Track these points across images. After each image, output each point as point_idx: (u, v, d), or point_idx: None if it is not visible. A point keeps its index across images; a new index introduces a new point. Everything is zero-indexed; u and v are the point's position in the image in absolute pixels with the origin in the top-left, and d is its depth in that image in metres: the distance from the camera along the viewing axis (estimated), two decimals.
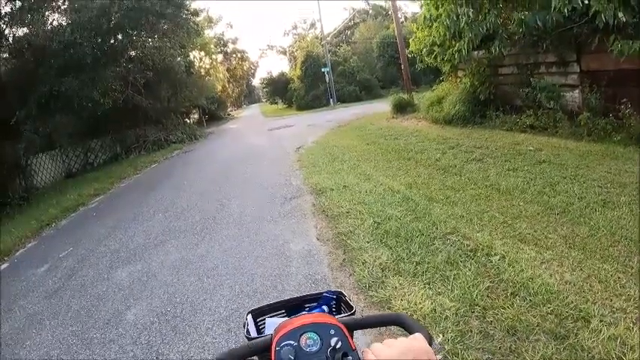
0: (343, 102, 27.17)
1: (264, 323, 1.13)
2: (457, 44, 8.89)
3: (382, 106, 19.05)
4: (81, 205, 8.97)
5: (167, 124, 19.60)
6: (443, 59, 10.35)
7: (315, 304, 1.15)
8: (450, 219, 4.10)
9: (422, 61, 14.59)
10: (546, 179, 5.11)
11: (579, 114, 7.29)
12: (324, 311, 1.09)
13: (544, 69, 8.47)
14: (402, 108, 13.82)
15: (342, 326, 0.74)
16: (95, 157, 17.67)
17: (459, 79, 11.86)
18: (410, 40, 14.44)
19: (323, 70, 26.53)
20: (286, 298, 1.19)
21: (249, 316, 1.12)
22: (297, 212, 4.90)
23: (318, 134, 12.76)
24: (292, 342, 0.70)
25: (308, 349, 0.70)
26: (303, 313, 1.09)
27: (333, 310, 1.15)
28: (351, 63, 28.88)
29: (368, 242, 3.61)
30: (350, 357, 0.68)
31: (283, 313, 1.16)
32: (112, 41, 10.28)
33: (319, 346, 0.70)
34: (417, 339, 0.67)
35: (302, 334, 0.71)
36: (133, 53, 13.22)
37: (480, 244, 3.54)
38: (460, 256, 3.36)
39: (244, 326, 1.07)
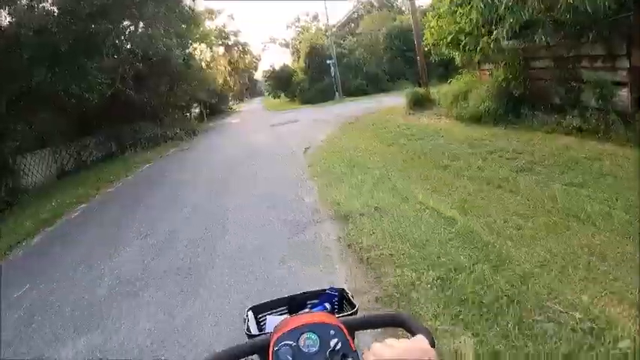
0: (349, 96, 25.79)
1: (266, 320, 1.07)
2: (495, 31, 7.60)
3: (392, 101, 17.76)
4: (59, 216, 7.74)
5: (165, 119, 18.31)
6: (473, 49, 9.04)
7: (317, 301, 1.10)
8: (540, 270, 2.85)
9: (438, 53, 13.40)
10: (624, 201, 3.89)
11: (630, 116, 6.13)
12: (326, 309, 1.06)
13: (587, 63, 7.20)
14: (418, 103, 12.51)
15: (343, 327, 0.71)
16: (89, 156, 16.45)
17: (487, 73, 10.57)
18: (424, 31, 13.22)
19: (328, 61, 25.10)
20: (289, 294, 1.13)
21: (250, 313, 1.07)
22: (318, 251, 3.61)
23: (327, 132, 11.47)
24: (291, 342, 0.68)
25: (307, 350, 0.67)
26: (306, 310, 1.06)
27: (336, 307, 1.10)
28: (356, 55, 27.41)
29: (436, 316, 2.36)
30: (350, 358, 0.67)
31: (285, 310, 1.11)
32: (92, 28, 8.87)
33: (318, 347, 0.68)
34: (419, 340, 0.64)
35: (301, 334, 0.69)
36: (120, 42, 11.67)
37: (597, 317, 2.33)
38: (583, 347, 2.14)
39: (244, 322, 1.02)
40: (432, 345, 0.65)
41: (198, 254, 4.20)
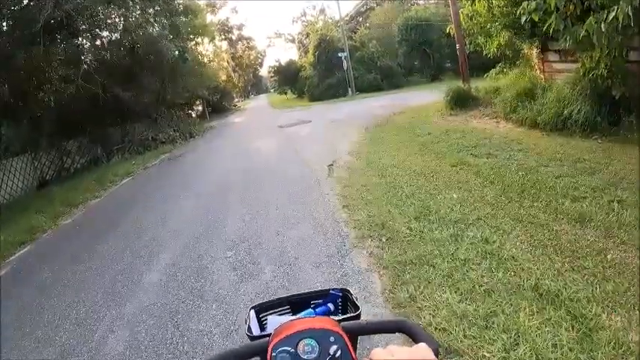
0: (362, 92, 23.05)
1: (267, 320, 1.02)
2: (616, 8, 4.91)
3: (416, 97, 15.09)
4: None
5: (159, 119, 15.72)
6: (563, 32, 6.37)
7: (320, 301, 1.04)
8: None
9: (473, 43, 10.95)
10: None
11: None
12: (329, 309, 1.01)
13: None
14: (460, 101, 9.82)
15: (343, 333, 0.65)
16: (72, 162, 14.00)
17: (558, 66, 7.91)
18: (461, 12, 10.74)
19: (340, 54, 22.31)
20: (292, 293, 1.05)
21: (252, 312, 1.01)
22: None
23: (350, 137, 8.82)
24: (289, 348, 0.63)
25: (305, 357, 0.63)
26: (309, 310, 1.00)
27: (339, 308, 1.04)
28: (370, 48, 24.57)
29: None
30: None
31: (288, 309, 1.04)
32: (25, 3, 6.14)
33: (317, 354, 0.63)
34: (422, 349, 0.57)
35: (300, 340, 0.64)
36: (74, 23, 8.65)
37: None
38: None
39: (246, 322, 0.94)
40: (436, 354, 0.58)
41: None
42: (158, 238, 4.60)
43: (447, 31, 11.36)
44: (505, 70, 10.98)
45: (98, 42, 10.65)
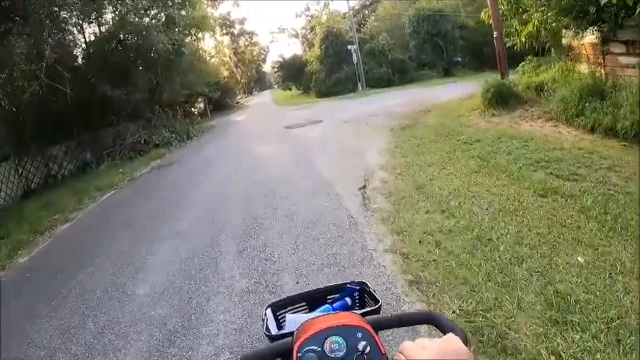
0: (372, 87, 21.38)
1: (285, 318, 0.94)
2: None
3: (433, 93, 13.55)
4: None
5: (154, 119, 14.16)
6: None
7: (337, 295, 0.98)
8: None
9: (507, 33, 9.56)
10: None
11: None
12: (347, 303, 0.95)
13: None
14: (502, 99, 8.20)
15: (370, 328, 0.62)
16: (59, 168, 12.57)
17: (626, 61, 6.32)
18: None
19: (349, 47, 20.61)
20: (308, 290, 0.99)
21: (269, 311, 0.95)
22: None
23: (376, 143, 7.25)
24: (316, 347, 0.59)
25: (333, 355, 0.59)
26: (326, 306, 0.94)
27: (357, 302, 0.98)
28: (380, 40, 22.83)
29: None
30: None
31: (304, 306, 0.98)
32: None
33: (345, 351, 0.59)
34: (452, 339, 0.55)
35: (326, 338, 0.60)
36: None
37: None
38: None
39: (263, 321, 0.89)
40: (465, 343, 0.56)
41: None
42: (105, 333, 2.88)
43: (481, 17, 9.75)
44: (541, 62, 9.49)
45: (66, 32, 9.03)
